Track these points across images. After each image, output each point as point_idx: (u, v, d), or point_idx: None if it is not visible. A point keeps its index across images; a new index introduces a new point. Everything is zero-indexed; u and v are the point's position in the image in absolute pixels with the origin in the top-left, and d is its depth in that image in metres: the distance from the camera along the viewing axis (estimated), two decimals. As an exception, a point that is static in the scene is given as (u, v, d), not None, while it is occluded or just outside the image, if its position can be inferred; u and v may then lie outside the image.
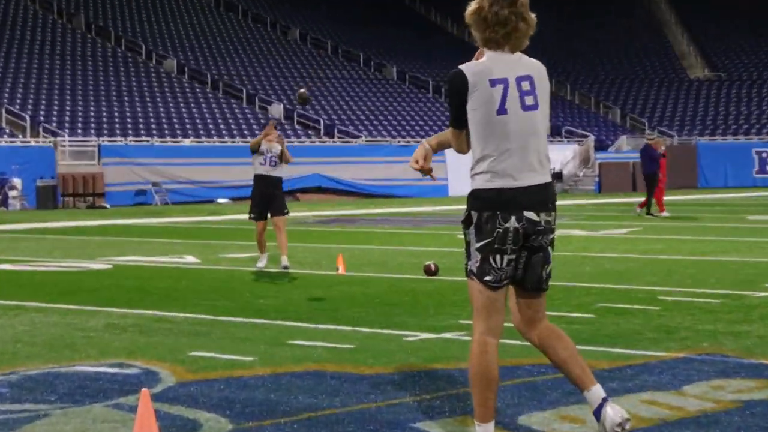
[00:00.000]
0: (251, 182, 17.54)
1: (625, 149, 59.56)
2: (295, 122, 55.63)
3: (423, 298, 13.26)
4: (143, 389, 6.55)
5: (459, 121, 6.17)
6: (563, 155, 57.79)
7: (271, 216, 17.18)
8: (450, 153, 40.64)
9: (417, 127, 58.66)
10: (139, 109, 53.29)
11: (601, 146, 60.26)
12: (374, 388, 7.99)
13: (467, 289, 6.23)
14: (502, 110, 6.01)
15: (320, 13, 74.51)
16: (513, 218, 6.00)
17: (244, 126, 53.69)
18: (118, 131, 50.15)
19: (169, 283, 15.37)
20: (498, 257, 6.04)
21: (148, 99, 54.71)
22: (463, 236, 6.24)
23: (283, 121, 55.39)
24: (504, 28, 6.08)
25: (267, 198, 17.17)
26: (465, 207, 6.20)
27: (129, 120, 51.86)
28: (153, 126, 51.60)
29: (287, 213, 17.37)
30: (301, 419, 7.07)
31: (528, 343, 6.36)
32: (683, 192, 51.44)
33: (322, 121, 55.41)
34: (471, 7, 6.10)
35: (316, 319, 11.57)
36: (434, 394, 7.78)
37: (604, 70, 72.62)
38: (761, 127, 64.11)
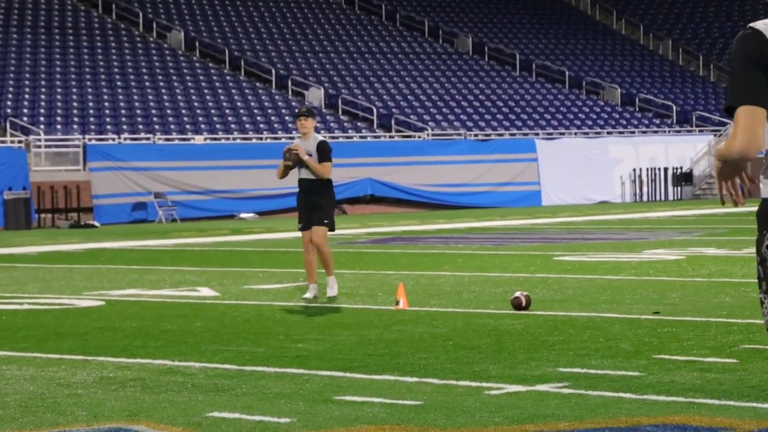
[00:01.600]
0: (283, 191, 17.73)
1: (773, 141, 59.21)
2: (340, 111, 55.36)
3: (509, 339, 13.27)
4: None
5: (758, 96, 5.43)
6: (695, 149, 57.54)
7: (304, 229, 17.43)
8: (543, 149, 40.61)
9: (500, 116, 58.42)
10: (136, 98, 53.03)
11: (743, 137, 59.86)
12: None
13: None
14: None
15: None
16: None
17: (273, 118, 53.48)
18: (108, 127, 50.00)
19: (179, 325, 15.42)
20: None
21: (147, 84, 54.41)
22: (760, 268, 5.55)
23: (324, 110, 54.94)
24: None
25: (310, 205, 17.32)
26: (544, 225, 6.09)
27: (123, 112, 51.71)
28: (155, 119, 51.48)
29: (326, 224, 17.44)
30: None
31: (650, 396, 6.33)
32: None
33: (375, 110, 54.97)
34: None
35: (371, 368, 11.63)
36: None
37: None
38: None
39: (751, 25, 5.40)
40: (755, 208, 5.35)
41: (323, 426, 9.02)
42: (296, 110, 17.80)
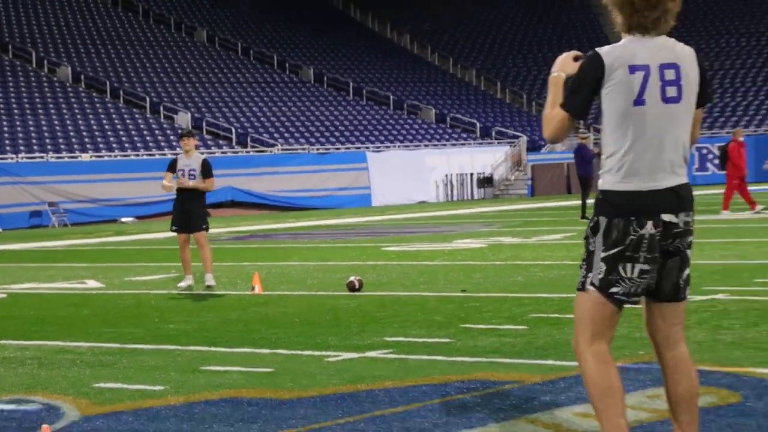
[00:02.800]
0: (157, 198, 17.68)
1: (559, 150, 59.84)
2: (205, 132, 55.09)
3: (345, 315, 13.31)
4: (44, 426, 6.61)
5: (579, 109, 5.79)
6: (494, 158, 58.02)
7: (191, 232, 17.29)
8: (372, 160, 40.65)
9: (337, 133, 58.46)
10: (30, 123, 52.29)
11: (533, 147, 60.56)
12: (294, 413, 8.06)
13: (574, 307, 6.03)
14: (639, 101, 5.67)
15: (228, 13, 74.21)
16: (649, 223, 5.69)
17: (148, 138, 53.05)
18: (8, 147, 49.30)
19: (70, 311, 15.24)
20: (629, 266, 5.72)
21: (40, 111, 53.67)
22: (585, 245, 5.87)
23: (193, 131, 54.70)
24: (655, 12, 5.68)
25: (187, 212, 17.26)
26: (373, 222, 6.19)
27: (20, 135, 50.97)
28: (47, 141, 50.78)
29: (205, 228, 17.37)
30: None
31: (458, 358, 6.43)
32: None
33: (234, 130, 54.88)
34: None
35: (232, 342, 11.61)
36: (359, 416, 7.86)
37: (537, 66, 72.88)
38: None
39: (597, 49, 5.70)
40: (533, 206, 5.51)
41: (191, 392, 8.98)
42: (180, 131, 17.77)
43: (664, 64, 5.67)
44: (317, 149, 54.85)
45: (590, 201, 32.61)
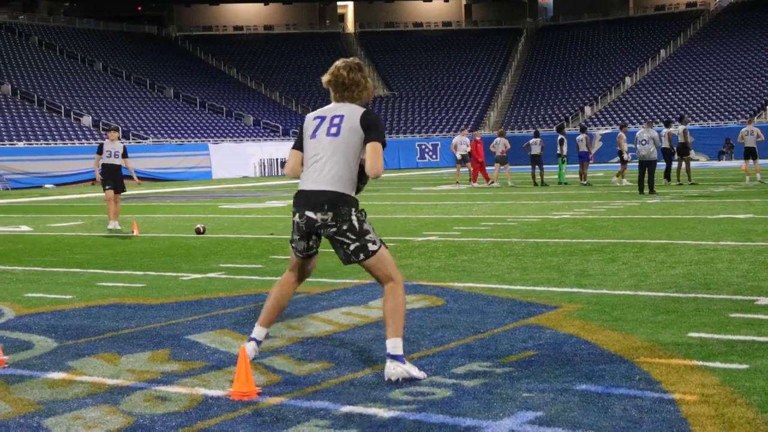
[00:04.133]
0: (71, 172, 17.32)
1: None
2: (101, 129, 53.66)
3: (193, 250, 13.10)
4: (-10, 322, 6.31)
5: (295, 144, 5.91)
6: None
7: (113, 191, 16.98)
8: (213, 149, 39.52)
9: (189, 131, 57.74)
10: (-16, 121, 50.56)
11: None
12: (159, 313, 7.89)
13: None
14: (313, 135, 5.70)
15: (117, 49, 72.08)
16: (297, 215, 5.73)
17: (63, 132, 51.64)
18: (-31, 137, 47.43)
19: (9, 246, 14.67)
20: (295, 237, 5.81)
21: (-9, 114, 52.02)
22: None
23: (92, 128, 53.54)
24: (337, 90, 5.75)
25: (113, 179, 17.03)
26: (213, 189, 6.05)
27: (-23, 129, 49.15)
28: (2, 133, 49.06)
29: (124, 191, 17.33)
30: (106, 337, 6.94)
31: (267, 278, 6.34)
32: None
33: (120, 128, 53.56)
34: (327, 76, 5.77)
35: (118, 267, 11.31)
36: (201, 315, 7.73)
37: (318, 89, 72.75)
38: (421, 128, 65.85)
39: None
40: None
41: (90, 299, 8.73)
42: (107, 126, 17.58)
43: (335, 115, 5.67)
44: (176, 141, 53.85)
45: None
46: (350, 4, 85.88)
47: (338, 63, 5.77)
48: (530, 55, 77.17)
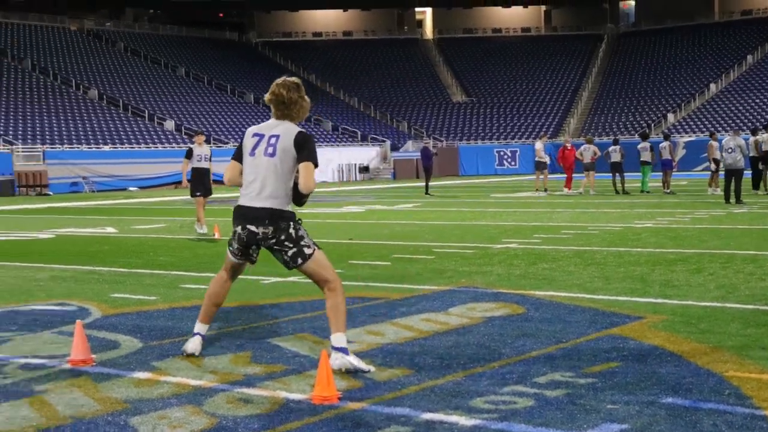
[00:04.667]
0: (155, 175, 17.35)
1: (411, 150, 60.13)
2: (183, 133, 54.58)
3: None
4: (78, 320, 6.44)
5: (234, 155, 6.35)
6: (369, 154, 58.12)
7: (206, 196, 16.86)
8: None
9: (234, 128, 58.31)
10: (71, 125, 51.79)
11: (394, 148, 60.77)
12: (240, 316, 7.96)
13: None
14: (251, 153, 6.12)
15: (199, 55, 73.25)
16: (239, 227, 6.15)
17: (146, 136, 52.64)
18: (57, 140, 48.66)
19: (96, 247, 14.99)
20: (234, 244, 6.25)
21: (77, 118, 53.23)
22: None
23: (174, 132, 54.45)
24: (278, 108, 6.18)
25: (203, 183, 16.92)
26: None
27: (64, 132, 50.37)
28: (82, 137, 50.16)
29: (210, 194, 17.07)
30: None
31: (346, 282, 6.37)
32: (449, 178, 52.25)
33: (208, 132, 54.37)
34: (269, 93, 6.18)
35: (200, 269, 11.45)
36: (281, 319, 7.76)
37: (396, 95, 73.09)
38: (499, 135, 65.51)
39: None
40: (395, 185, 5.48)
41: (173, 301, 8.86)
42: (194, 131, 17.47)
43: (272, 134, 6.08)
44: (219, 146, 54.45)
45: (431, 183, 33.20)
46: (429, 11, 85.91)
47: (278, 81, 6.18)
48: (611, 61, 76.23)
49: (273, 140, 6.03)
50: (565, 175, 30.80)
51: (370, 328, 7.28)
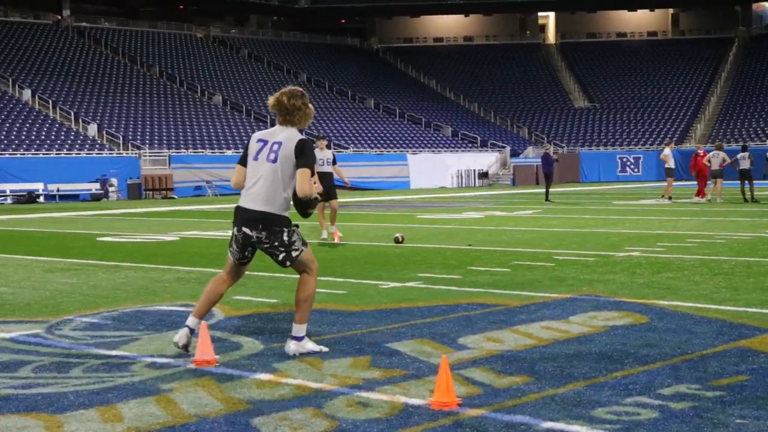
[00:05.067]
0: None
1: (531, 156, 59.64)
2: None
3: (392, 259, 13.28)
4: (202, 322, 6.61)
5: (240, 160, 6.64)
6: (489, 160, 57.87)
7: (328, 200, 17.02)
8: (411, 159, 40.06)
9: (388, 141, 58.60)
10: (196, 130, 53.15)
11: (514, 154, 60.37)
12: (359, 320, 8.03)
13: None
14: (255, 158, 6.39)
15: (321, 61, 74.26)
16: (235, 229, 6.50)
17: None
18: (182, 145, 50.02)
19: (218, 250, 15.30)
20: (233, 246, 6.60)
21: (202, 122, 54.60)
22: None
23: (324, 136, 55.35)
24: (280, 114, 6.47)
25: (325, 188, 17.04)
26: (411, 199, 6.35)
27: (189, 137, 51.73)
28: (206, 141, 51.44)
29: (337, 198, 17.11)
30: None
31: (465, 288, 6.41)
32: (570, 185, 51.58)
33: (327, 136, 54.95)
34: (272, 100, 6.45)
35: (320, 273, 11.50)
36: (400, 324, 7.80)
37: (517, 101, 72.60)
38: (622, 141, 64.31)
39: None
40: (514, 191, 5.46)
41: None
42: (316, 135, 17.48)
43: (275, 141, 6.37)
44: (375, 151, 54.89)
45: (552, 190, 32.87)
46: (551, 15, 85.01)
47: (283, 90, 6.45)
48: (742, 65, 73.99)
49: (276, 146, 6.30)
50: (697, 183, 30.11)
51: (489, 334, 7.25)
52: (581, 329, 7.37)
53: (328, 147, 18.09)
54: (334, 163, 17.21)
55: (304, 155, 6.27)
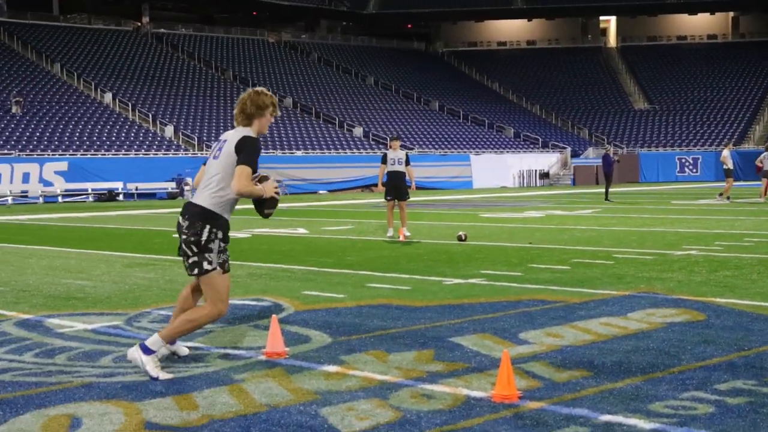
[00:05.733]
0: (343, 179, 17.54)
1: (591, 156, 59.00)
2: (371, 139, 55.57)
3: (456, 256, 13.28)
4: (273, 315, 6.69)
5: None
6: (550, 160, 57.40)
7: (398, 200, 17.05)
8: (474, 160, 39.76)
9: (451, 143, 58.46)
10: (268, 132, 53.55)
11: (575, 154, 59.80)
12: (423, 315, 8.05)
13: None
14: (211, 156, 6.16)
15: (388, 64, 74.38)
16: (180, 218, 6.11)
17: (336, 142, 53.83)
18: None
19: (288, 246, 15.47)
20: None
21: (273, 124, 54.84)
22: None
23: (362, 139, 55.47)
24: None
25: (396, 187, 17.15)
26: (474, 198, 6.22)
27: (261, 138, 52.06)
28: (277, 142, 51.81)
29: (407, 198, 17.20)
30: (375, 335, 7.16)
31: (526, 285, 6.37)
32: (629, 185, 50.95)
33: (387, 138, 55.04)
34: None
35: (386, 269, 11.63)
36: (463, 319, 7.81)
37: (578, 103, 71.88)
38: (681, 142, 63.32)
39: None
40: (575, 191, 5.42)
41: (360, 299, 9.04)
42: (390, 136, 17.64)
43: (224, 139, 6.10)
44: (439, 152, 54.81)
45: (611, 190, 32.49)
46: (613, 19, 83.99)
47: (249, 91, 6.23)
48: (801, 67, 72.34)
49: (222, 144, 6.12)
50: (762, 184, 29.59)
51: (549, 330, 7.23)
52: (639, 326, 7.31)
53: (402, 147, 18.10)
54: (407, 163, 17.24)
55: (243, 151, 5.89)
